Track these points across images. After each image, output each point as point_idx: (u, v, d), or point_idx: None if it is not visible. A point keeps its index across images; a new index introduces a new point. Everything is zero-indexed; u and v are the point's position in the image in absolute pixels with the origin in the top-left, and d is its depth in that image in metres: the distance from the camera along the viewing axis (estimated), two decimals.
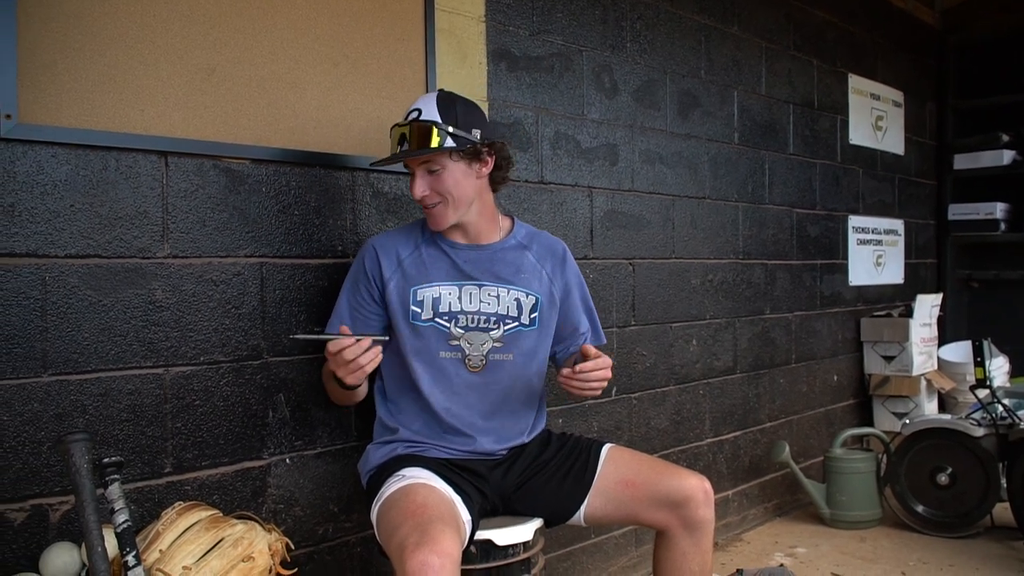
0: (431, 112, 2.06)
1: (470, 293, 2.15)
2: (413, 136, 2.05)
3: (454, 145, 2.05)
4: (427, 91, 2.55)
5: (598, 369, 1.98)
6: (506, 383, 2.19)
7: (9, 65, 1.78)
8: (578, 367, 1.98)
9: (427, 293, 2.13)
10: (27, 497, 1.82)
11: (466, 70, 2.71)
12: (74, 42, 1.88)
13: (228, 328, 2.14)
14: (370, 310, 2.15)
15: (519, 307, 2.19)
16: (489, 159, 2.14)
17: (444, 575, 1.64)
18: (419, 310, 2.13)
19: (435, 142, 2.03)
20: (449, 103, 2.09)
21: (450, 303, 2.13)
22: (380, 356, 1.92)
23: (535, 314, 2.20)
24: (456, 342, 2.14)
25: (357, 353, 1.87)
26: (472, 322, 2.14)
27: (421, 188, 2.09)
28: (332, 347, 1.88)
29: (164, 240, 2.03)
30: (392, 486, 1.96)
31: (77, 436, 1.62)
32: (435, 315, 2.13)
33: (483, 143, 2.10)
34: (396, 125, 2.10)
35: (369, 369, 1.90)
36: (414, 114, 2.08)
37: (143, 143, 1.98)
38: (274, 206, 2.24)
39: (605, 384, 2.03)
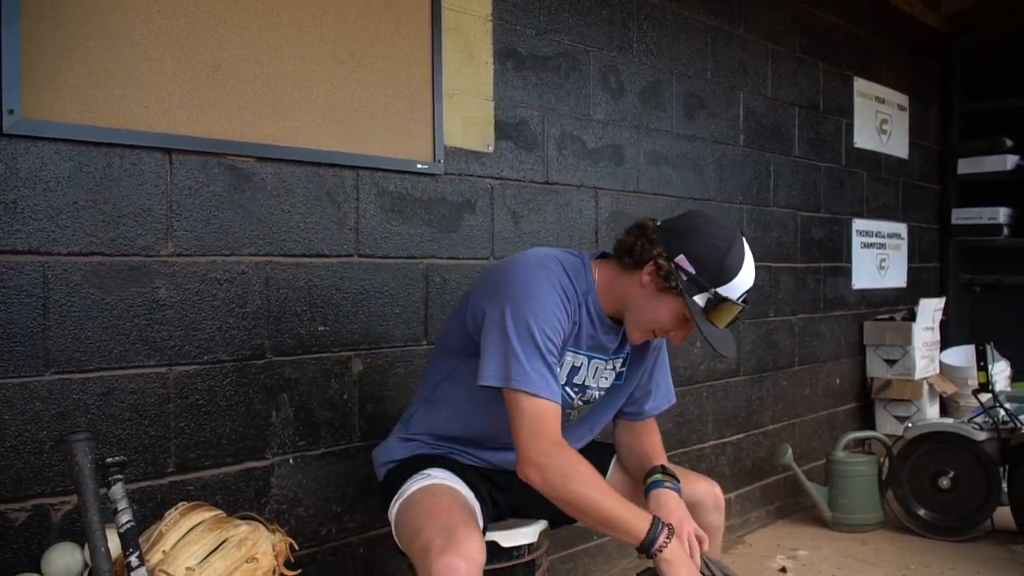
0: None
1: (596, 367, 2.01)
2: (739, 321, 1.94)
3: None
4: (433, 90, 2.54)
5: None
6: (583, 430, 2.11)
7: (13, 60, 1.76)
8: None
9: (571, 359, 1.94)
10: (29, 497, 1.81)
11: (472, 69, 2.70)
12: (78, 37, 1.87)
13: (232, 327, 2.13)
14: (556, 357, 1.84)
15: (615, 369, 2.07)
16: None
17: None
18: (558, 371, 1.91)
19: None
20: None
21: (585, 376, 1.99)
22: None
23: (623, 368, 2.09)
24: (570, 411, 1.99)
25: None
26: (592, 398, 2.05)
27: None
28: None
29: (168, 238, 2.02)
30: (416, 484, 1.89)
31: (80, 435, 1.60)
32: (568, 383, 1.97)
33: None
34: (731, 304, 1.84)
35: None
36: (745, 295, 1.87)
37: (147, 140, 1.97)
38: (279, 205, 2.22)
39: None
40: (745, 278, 1.85)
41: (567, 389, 1.96)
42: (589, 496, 1.76)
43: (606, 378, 2.05)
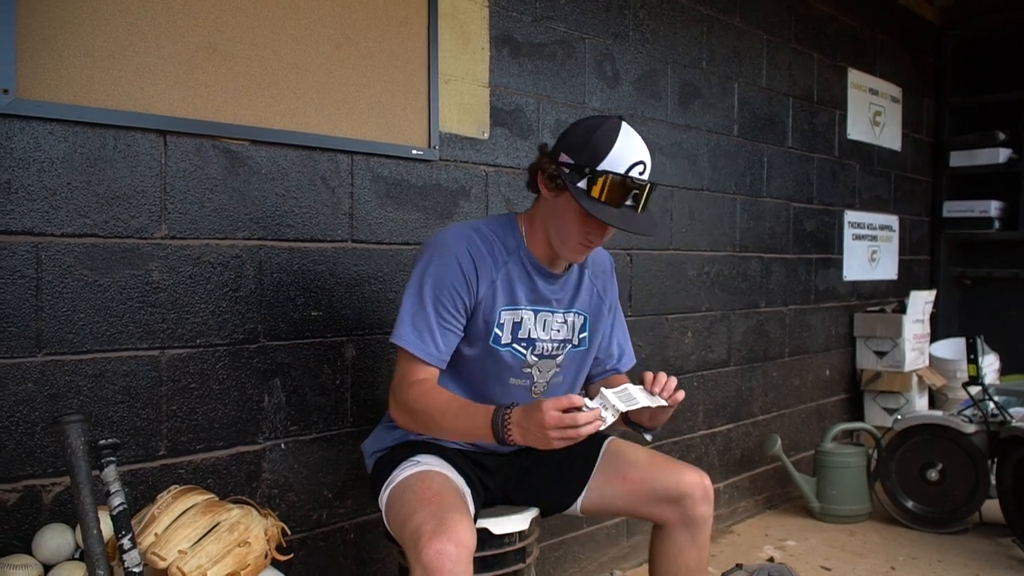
0: (650, 166, 1.92)
1: (544, 320, 2.05)
2: (646, 201, 1.92)
3: (656, 225, 2.01)
4: (429, 75, 2.53)
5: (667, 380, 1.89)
6: None
7: (7, 39, 1.75)
8: (658, 382, 1.88)
9: (510, 317, 1.99)
10: (20, 478, 1.80)
11: (468, 55, 2.69)
12: (74, 17, 1.85)
13: (225, 311, 2.12)
14: (458, 323, 1.93)
15: (572, 328, 2.11)
16: None
17: (460, 565, 1.62)
18: (500, 333, 1.99)
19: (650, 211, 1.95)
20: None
21: (529, 329, 2.02)
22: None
23: (584, 334, 2.13)
24: (528, 369, 2.04)
25: (591, 429, 1.69)
26: (546, 350, 2.06)
27: (607, 238, 1.97)
28: (585, 426, 1.68)
29: (162, 220, 2.01)
30: (405, 470, 1.91)
31: (73, 417, 1.60)
32: (514, 340, 2.01)
33: None
34: (617, 177, 1.85)
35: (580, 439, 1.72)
36: (640, 167, 1.88)
37: (142, 121, 1.96)
38: (273, 188, 2.21)
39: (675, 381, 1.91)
40: (624, 151, 1.87)
41: (515, 346, 2.01)
42: (438, 423, 1.86)
43: (558, 331, 2.07)
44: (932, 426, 3.85)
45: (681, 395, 1.89)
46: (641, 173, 1.89)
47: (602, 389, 1.82)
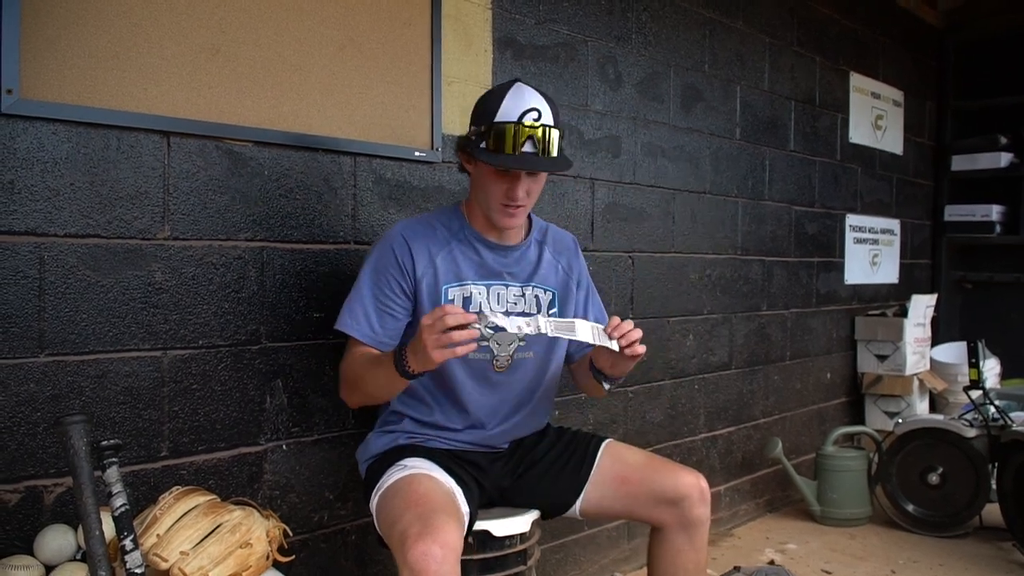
0: (549, 116, 1.96)
1: (498, 293, 2.09)
2: (547, 144, 1.93)
3: (571, 163, 2.04)
4: (432, 77, 2.53)
5: (628, 327, 1.91)
6: (527, 381, 2.15)
7: (12, 39, 1.75)
8: (619, 328, 1.90)
9: (458, 292, 2.04)
10: (22, 478, 1.80)
11: (471, 57, 2.69)
12: (78, 17, 1.85)
13: (227, 312, 2.12)
14: (397, 304, 2.02)
15: (538, 304, 2.14)
16: None
17: (446, 566, 1.64)
18: None
19: (561, 155, 1.98)
20: (554, 105, 2.01)
21: (481, 303, 2.06)
22: (475, 346, 1.76)
23: (553, 310, 2.17)
24: (486, 343, 2.07)
25: (466, 335, 1.71)
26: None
27: (523, 192, 1.98)
28: (452, 316, 1.69)
29: (165, 221, 2.01)
30: (393, 475, 1.93)
31: (76, 418, 1.60)
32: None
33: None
34: (508, 124, 1.91)
35: (460, 353, 1.73)
36: (534, 115, 1.92)
37: (145, 122, 1.96)
38: (276, 190, 2.21)
39: (638, 331, 1.93)
40: (514, 103, 1.95)
41: None
42: (365, 382, 1.96)
43: (514, 303, 2.10)
44: (933, 430, 3.85)
45: (641, 349, 1.93)
46: (536, 120, 1.93)
47: (539, 316, 1.89)
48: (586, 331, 1.86)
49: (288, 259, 2.24)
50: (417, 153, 2.50)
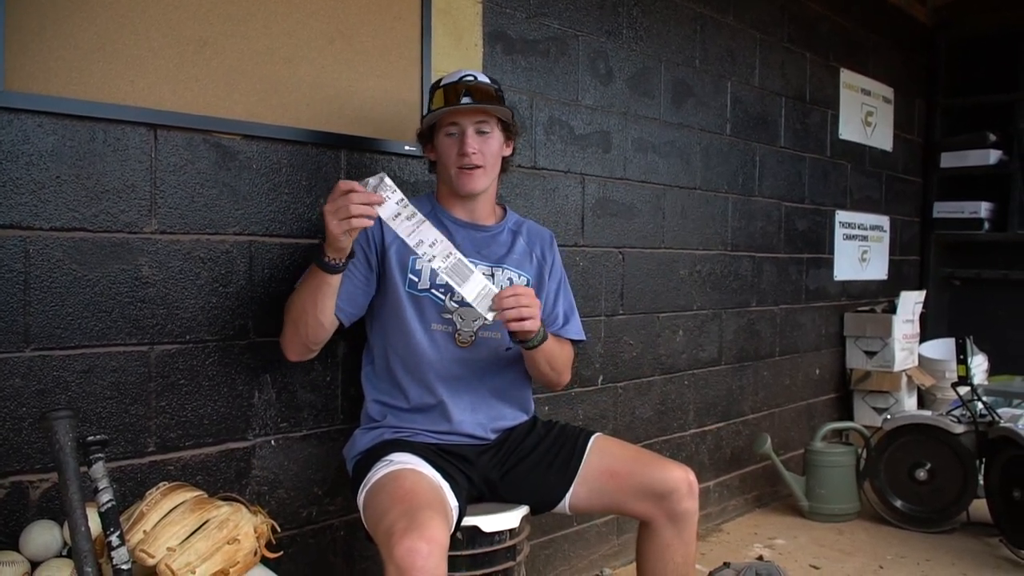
0: (484, 79, 2.16)
1: None
2: (479, 93, 2.10)
3: (510, 112, 2.16)
4: (422, 72, 2.52)
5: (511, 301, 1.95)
6: (492, 361, 2.17)
7: None
8: (502, 293, 1.96)
9: (426, 264, 2.07)
10: (7, 474, 1.79)
11: (461, 51, 2.67)
12: (63, 9, 1.83)
13: (215, 306, 2.11)
14: (361, 274, 2.09)
15: (506, 284, 2.17)
16: (511, 141, 2.22)
17: (432, 561, 1.63)
18: (417, 279, 2.11)
19: (497, 103, 2.13)
20: (493, 78, 2.21)
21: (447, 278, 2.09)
22: (371, 221, 1.86)
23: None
24: (449, 315, 2.11)
25: (363, 200, 1.83)
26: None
27: (473, 145, 2.09)
28: (344, 185, 1.83)
29: (152, 215, 1.99)
30: (379, 471, 1.93)
31: (61, 413, 1.58)
32: (432, 286, 2.11)
33: (514, 123, 2.21)
34: (448, 84, 2.13)
35: (358, 224, 1.83)
36: (469, 77, 2.13)
37: (132, 115, 1.94)
38: (265, 184, 2.20)
39: (530, 310, 1.97)
40: (453, 73, 2.18)
41: (433, 291, 2.12)
42: (297, 303, 2.01)
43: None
44: (921, 426, 3.86)
45: (512, 317, 1.96)
46: (472, 80, 2.12)
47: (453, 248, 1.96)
48: (473, 289, 1.94)
49: (277, 253, 2.22)
50: (407, 147, 2.49)
